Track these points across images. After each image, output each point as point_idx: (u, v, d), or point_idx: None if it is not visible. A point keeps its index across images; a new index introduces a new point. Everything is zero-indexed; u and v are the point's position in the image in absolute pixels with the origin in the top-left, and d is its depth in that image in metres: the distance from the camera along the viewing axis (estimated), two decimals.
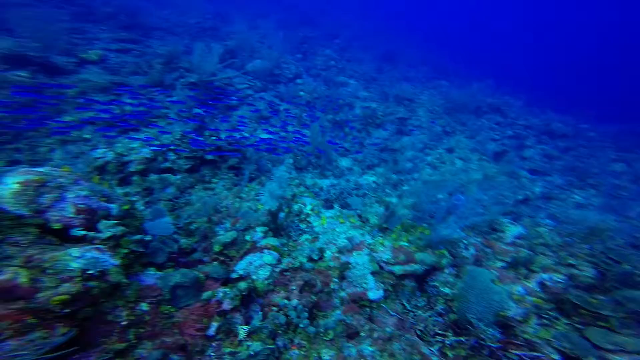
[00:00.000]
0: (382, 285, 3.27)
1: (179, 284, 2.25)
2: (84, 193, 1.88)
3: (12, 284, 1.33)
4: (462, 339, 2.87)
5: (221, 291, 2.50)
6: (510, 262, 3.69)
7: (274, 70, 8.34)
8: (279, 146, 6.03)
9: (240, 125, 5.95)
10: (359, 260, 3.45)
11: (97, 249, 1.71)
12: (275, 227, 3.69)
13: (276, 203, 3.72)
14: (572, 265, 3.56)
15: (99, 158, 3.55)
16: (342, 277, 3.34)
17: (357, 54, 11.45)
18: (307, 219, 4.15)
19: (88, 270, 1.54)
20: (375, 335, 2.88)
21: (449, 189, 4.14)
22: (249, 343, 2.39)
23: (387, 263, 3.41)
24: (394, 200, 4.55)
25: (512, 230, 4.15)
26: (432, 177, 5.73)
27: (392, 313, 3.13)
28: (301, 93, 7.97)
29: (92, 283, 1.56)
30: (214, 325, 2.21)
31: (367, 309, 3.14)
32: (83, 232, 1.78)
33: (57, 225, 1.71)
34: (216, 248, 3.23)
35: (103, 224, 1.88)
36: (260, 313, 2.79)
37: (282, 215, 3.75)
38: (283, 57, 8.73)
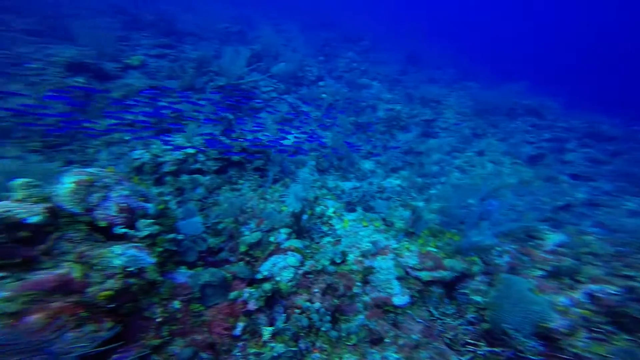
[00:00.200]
0: (407, 291, 3.18)
1: (208, 283, 2.32)
2: (126, 193, 2.00)
3: (68, 278, 1.44)
4: (497, 349, 2.71)
5: (247, 291, 2.55)
6: (551, 271, 3.43)
7: (297, 72, 8.44)
8: (301, 148, 6.07)
9: (258, 126, 6.06)
10: (384, 264, 3.38)
11: (136, 247, 1.81)
12: (299, 229, 3.71)
13: (299, 205, 3.75)
14: (630, 277, 3.23)
15: (137, 159, 3.79)
16: (365, 282, 3.29)
17: (380, 56, 11.29)
18: (330, 222, 4.15)
19: (128, 267, 1.64)
20: (401, 342, 2.80)
21: (481, 194, 3.93)
22: (272, 344, 2.41)
23: (413, 268, 3.33)
24: (420, 204, 4.41)
25: (553, 237, 3.86)
26: (461, 181, 5.48)
27: (418, 320, 3.03)
28: (323, 95, 8.00)
29: (132, 280, 1.65)
30: (240, 325, 2.26)
31: (392, 315, 3.07)
32: (124, 230, 1.89)
33: (102, 223, 1.83)
34: (242, 248, 3.31)
35: (141, 222, 1.98)
36: (283, 315, 2.81)
37: (304, 217, 3.76)
38: (306, 59, 8.82)
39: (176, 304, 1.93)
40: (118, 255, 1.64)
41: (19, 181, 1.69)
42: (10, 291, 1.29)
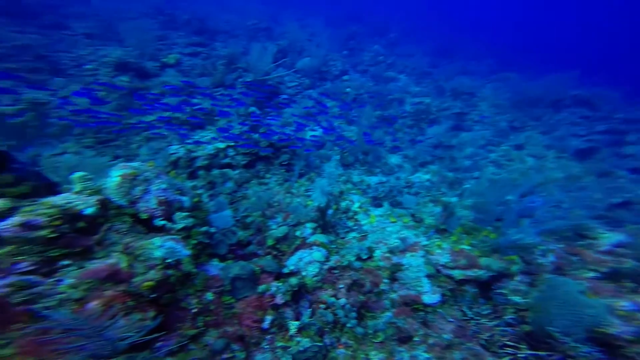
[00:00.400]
0: (438, 289, 3.08)
1: (238, 276, 2.40)
2: (164, 186, 2.11)
3: (117, 267, 1.56)
4: (542, 353, 2.53)
5: (274, 285, 2.60)
6: (608, 272, 3.12)
7: (321, 67, 8.38)
8: (325, 142, 6.03)
9: (274, 118, 6.10)
10: (413, 262, 3.29)
11: (173, 239, 1.91)
12: (324, 223, 3.70)
13: (325, 199, 3.73)
14: None
15: (173, 154, 4.01)
16: (393, 279, 3.22)
17: (408, 48, 10.84)
18: (355, 217, 4.10)
19: (167, 259, 1.73)
20: (431, 341, 2.72)
21: (521, 190, 3.65)
22: (298, 339, 2.44)
23: (445, 266, 3.21)
24: (452, 200, 4.20)
25: (610, 237, 3.49)
26: (497, 176, 5.12)
27: (450, 319, 2.92)
28: (348, 89, 7.87)
29: (170, 271, 1.75)
30: (268, 318, 2.31)
31: (421, 313, 2.99)
32: (163, 222, 2.00)
33: (144, 215, 1.95)
34: (269, 242, 3.38)
35: (177, 215, 2.09)
36: (309, 310, 2.84)
37: (330, 212, 3.75)
38: (330, 54, 8.73)
39: (209, 295, 2.02)
40: (158, 247, 1.74)
41: (77, 175, 1.86)
42: (74, 278, 1.43)
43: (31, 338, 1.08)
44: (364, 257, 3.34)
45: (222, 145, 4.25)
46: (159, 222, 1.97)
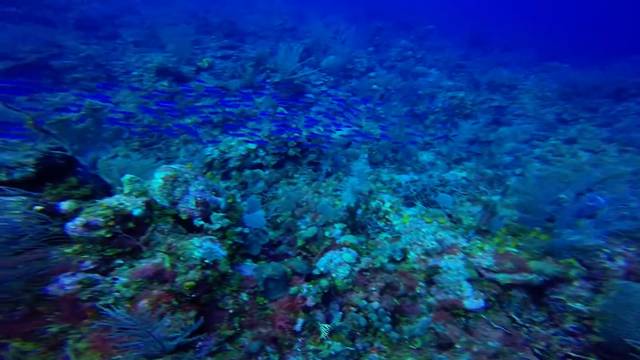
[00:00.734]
0: (482, 294, 2.89)
1: (271, 277, 2.42)
2: (201, 187, 2.19)
3: (161, 267, 1.65)
4: None
5: (305, 287, 2.59)
6: None
7: (346, 65, 8.28)
8: (352, 141, 5.93)
9: (310, 120, 6.11)
10: (452, 265, 3.12)
11: (210, 239, 1.97)
12: (353, 224, 3.64)
13: (353, 199, 3.66)
14: None
15: (208, 155, 4.19)
16: (430, 282, 3.08)
17: (438, 42, 10.33)
18: (386, 217, 3.97)
19: (205, 259, 1.79)
20: (475, 349, 2.55)
21: (577, 187, 3.29)
22: (330, 342, 2.42)
23: (488, 270, 3.00)
24: (494, 198, 3.91)
25: None
26: (544, 173, 4.69)
27: (496, 326, 2.72)
28: (374, 86, 7.68)
29: (208, 271, 1.80)
30: (300, 321, 2.31)
31: (463, 319, 2.82)
32: (201, 223, 2.08)
33: (184, 216, 2.04)
34: (299, 243, 3.40)
35: (214, 216, 2.16)
36: (339, 312, 2.80)
37: (359, 212, 3.67)
38: (355, 51, 8.58)
39: (244, 296, 2.06)
40: (197, 247, 1.81)
41: (126, 177, 2.00)
42: (126, 277, 1.54)
43: (98, 334, 1.18)
44: (398, 259, 3.23)
45: (253, 146, 4.36)
46: (198, 223, 2.05)
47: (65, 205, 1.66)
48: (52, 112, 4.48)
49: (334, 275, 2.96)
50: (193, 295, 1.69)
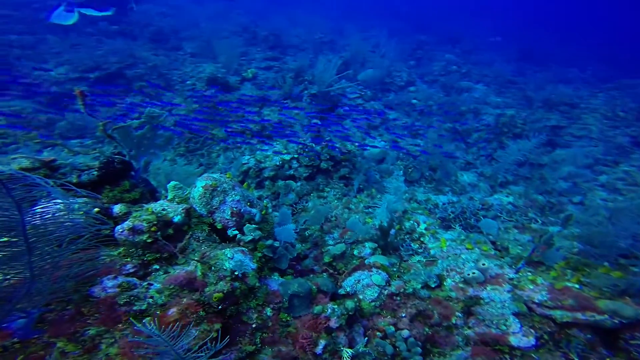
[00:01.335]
0: (532, 331, 2.60)
1: (296, 293, 2.38)
2: (237, 198, 2.25)
3: (193, 276, 1.70)
4: None
5: (330, 307, 2.50)
6: None
7: (384, 78, 8.19)
8: (387, 156, 5.76)
9: (343, 132, 6.07)
10: (496, 296, 2.85)
11: (242, 251, 2.00)
12: (385, 244, 3.48)
13: (387, 217, 3.50)
14: None
15: (245, 163, 4.36)
16: (468, 313, 2.83)
17: (486, 56, 9.80)
18: (421, 239, 3.75)
19: (235, 271, 1.81)
20: None
21: None
22: None
23: (541, 305, 2.71)
24: (551, 229, 3.53)
25: None
26: (618, 203, 4.14)
27: None
28: (414, 101, 7.46)
29: (237, 283, 1.81)
30: (322, 342, 2.22)
31: (507, 356, 2.53)
32: (235, 233, 2.12)
33: (219, 225, 2.11)
34: (326, 259, 3.32)
35: (247, 227, 2.19)
36: (364, 337, 2.65)
37: (392, 231, 3.50)
38: (394, 65, 8.47)
39: (268, 311, 2.03)
40: (229, 258, 1.84)
41: (171, 184, 2.14)
42: (160, 283, 1.61)
43: (129, 342, 1.23)
44: (433, 285, 3.01)
45: (287, 157, 4.45)
46: (232, 233, 2.10)
47: (117, 209, 1.81)
48: (118, 117, 5.05)
49: (360, 296, 2.84)
50: (220, 307, 1.71)
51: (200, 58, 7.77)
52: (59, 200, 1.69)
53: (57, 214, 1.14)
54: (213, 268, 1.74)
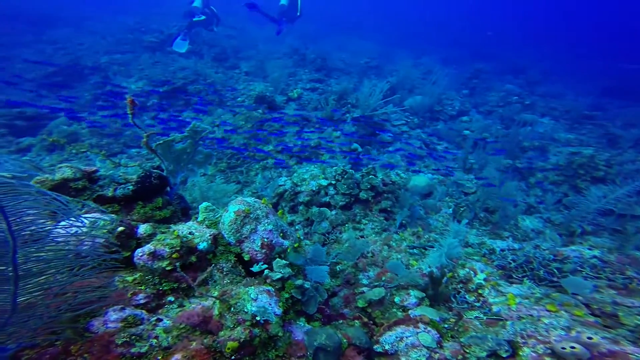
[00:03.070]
0: None
1: (323, 346, 1.99)
2: (270, 227, 2.01)
3: (209, 314, 1.45)
4: None
5: None
6: None
7: (434, 106, 7.77)
8: (435, 191, 5.21)
9: (386, 161, 5.68)
10: None
11: (268, 291, 1.71)
12: (435, 294, 2.93)
13: (440, 263, 2.98)
14: None
15: (281, 185, 4.21)
16: None
17: (555, 88, 8.86)
18: (479, 291, 3.11)
19: (257, 316, 1.52)
20: None
21: None
22: None
23: None
24: None
25: None
26: None
27: None
28: (466, 132, 6.87)
29: (257, 330, 1.51)
30: None
31: None
32: (264, 267, 1.86)
33: (246, 257, 1.87)
34: (360, 303, 2.87)
35: (277, 262, 1.92)
36: None
37: (444, 280, 2.96)
38: (446, 93, 8.03)
39: None
40: (252, 300, 1.56)
41: (203, 205, 1.99)
42: (171, 320, 1.38)
43: None
44: (504, 355, 2.36)
45: (324, 182, 4.20)
46: (260, 267, 1.84)
47: (142, 229, 1.69)
48: (172, 129, 5.38)
49: (403, 359, 2.33)
50: (233, 358, 1.41)
51: (253, 77, 8.25)
52: (88, 216, 1.65)
53: (59, 239, 1.00)
54: (233, 309, 1.48)
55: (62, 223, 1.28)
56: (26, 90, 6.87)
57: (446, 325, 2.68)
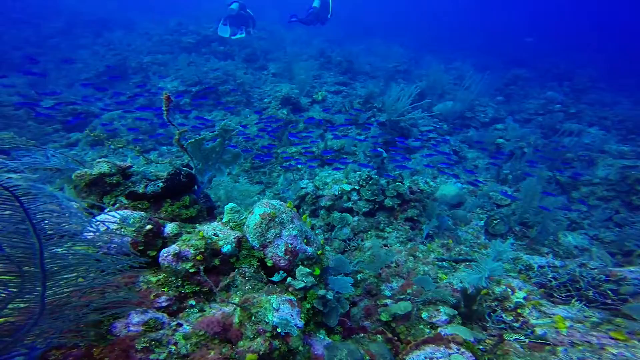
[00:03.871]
0: None
1: None
2: (295, 233, 1.93)
3: (229, 322, 1.39)
4: None
5: None
6: None
7: (465, 112, 7.37)
8: (465, 201, 4.89)
9: (403, 164, 5.42)
10: None
11: (290, 301, 1.62)
12: (468, 312, 2.70)
13: (477, 283, 2.74)
14: None
15: (303, 188, 4.15)
16: None
17: (603, 96, 8.09)
18: (518, 310, 2.83)
19: (278, 328, 1.43)
20: None
21: None
22: None
23: None
24: None
25: None
26: None
27: None
28: (499, 140, 6.43)
29: (276, 343, 1.43)
30: None
31: None
32: (285, 275, 1.78)
33: (269, 262, 1.80)
34: (384, 317, 2.70)
35: (300, 271, 1.83)
36: None
37: (478, 297, 2.71)
38: (479, 99, 7.59)
39: None
40: (274, 309, 1.48)
41: (229, 206, 1.95)
42: (191, 326, 1.34)
43: None
44: None
45: (347, 187, 4.07)
46: (279, 277, 1.76)
47: (169, 229, 1.67)
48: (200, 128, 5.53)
49: None
50: None
51: (280, 78, 8.32)
52: (119, 212, 1.66)
53: (89, 237, 0.98)
54: (254, 318, 1.41)
55: (98, 217, 1.28)
56: (81, 88, 7.42)
57: (481, 347, 2.45)
